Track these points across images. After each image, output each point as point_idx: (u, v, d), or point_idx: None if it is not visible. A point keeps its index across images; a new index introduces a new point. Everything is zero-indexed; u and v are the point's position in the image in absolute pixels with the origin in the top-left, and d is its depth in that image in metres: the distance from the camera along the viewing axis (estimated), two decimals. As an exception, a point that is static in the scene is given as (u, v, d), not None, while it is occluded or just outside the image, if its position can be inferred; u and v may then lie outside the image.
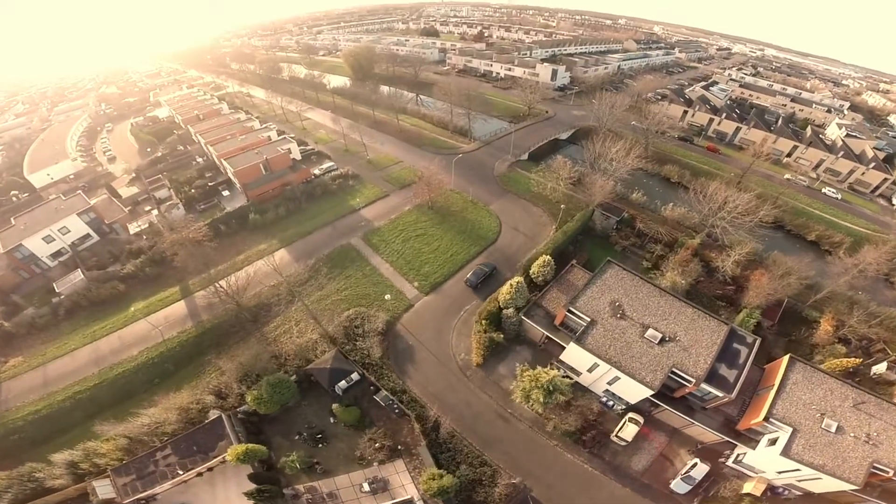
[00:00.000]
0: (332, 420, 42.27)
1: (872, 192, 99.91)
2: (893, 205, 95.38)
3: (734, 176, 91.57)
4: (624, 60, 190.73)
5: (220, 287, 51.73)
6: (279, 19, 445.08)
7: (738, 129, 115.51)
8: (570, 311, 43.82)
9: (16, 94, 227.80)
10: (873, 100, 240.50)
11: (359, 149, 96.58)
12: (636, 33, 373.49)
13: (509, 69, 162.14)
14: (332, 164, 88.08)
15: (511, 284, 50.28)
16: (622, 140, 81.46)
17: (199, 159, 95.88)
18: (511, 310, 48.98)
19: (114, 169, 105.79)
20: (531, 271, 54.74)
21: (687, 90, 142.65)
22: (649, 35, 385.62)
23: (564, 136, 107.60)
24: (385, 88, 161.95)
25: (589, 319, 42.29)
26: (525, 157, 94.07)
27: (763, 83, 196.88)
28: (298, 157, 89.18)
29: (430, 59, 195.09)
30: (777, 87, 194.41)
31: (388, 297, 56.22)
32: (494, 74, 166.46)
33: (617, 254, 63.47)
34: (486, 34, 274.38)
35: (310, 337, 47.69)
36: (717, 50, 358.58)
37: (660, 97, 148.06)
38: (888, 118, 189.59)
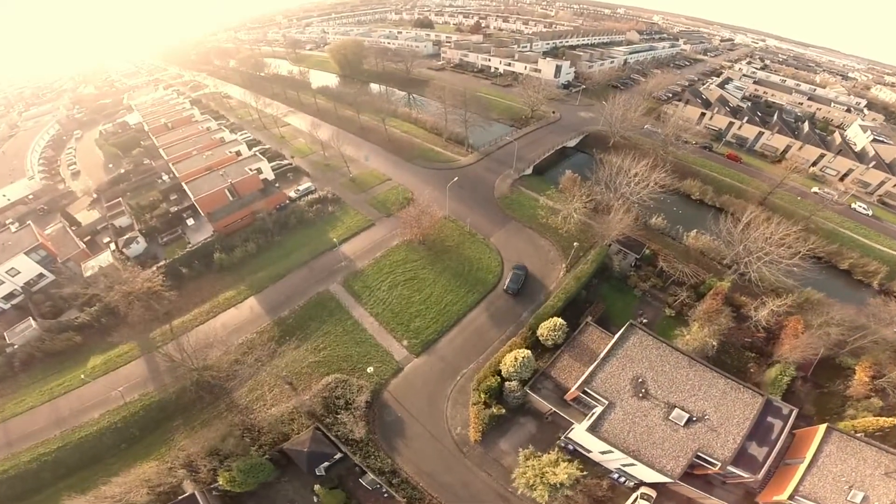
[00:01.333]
0: (315, 500, 36.79)
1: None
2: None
3: (760, 193, 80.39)
4: (630, 54, 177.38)
5: (176, 354, 43.27)
6: (270, 11, 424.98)
7: (759, 134, 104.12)
8: (585, 392, 36.61)
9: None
10: (884, 94, 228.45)
11: (341, 163, 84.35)
12: (637, 23, 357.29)
13: (509, 64, 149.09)
14: (309, 184, 76.00)
15: (516, 357, 41.28)
16: (644, 159, 70.43)
17: (165, 177, 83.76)
18: (515, 383, 40.62)
19: (77, 186, 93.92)
20: (539, 333, 45.24)
21: (702, 87, 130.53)
22: (650, 25, 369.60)
23: (572, 143, 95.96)
24: (375, 87, 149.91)
25: (606, 402, 35.48)
26: (529, 170, 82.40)
27: (776, 79, 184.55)
28: (271, 176, 76.87)
29: (424, 53, 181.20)
30: (790, 82, 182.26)
31: (370, 369, 45.45)
32: (493, 70, 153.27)
33: (636, 298, 54.10)
34: (483, 25, 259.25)
35: (285, 406, 40.37)
36: (721, 41, 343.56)
37: (670, 95, 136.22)
38: None
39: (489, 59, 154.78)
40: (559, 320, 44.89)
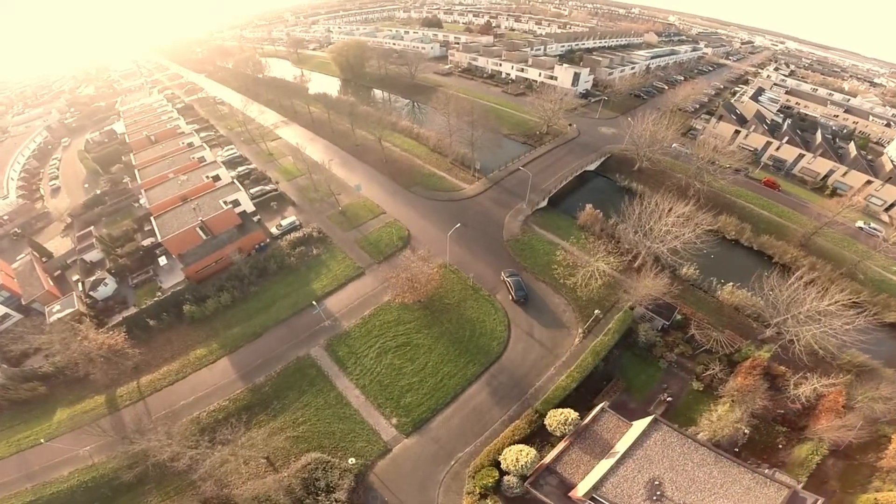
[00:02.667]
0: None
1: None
2: None
3: (802, 231, 68.50)
4: (652, 59, 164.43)
5: (111, 433, 39.10)
6: (279, 8, 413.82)
7: (800, 157, 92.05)
8: (593, 498, 30.87)
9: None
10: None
11: (332, 189, 73.58)
12: (653, 24, 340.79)
13: (521, 70, 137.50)
14: (293, 219, 65.51)
15: (517, 457, 34.50)
16: (676, 193, 59.86)
17: (143, 200, 74.82)
18: (514, 478, 34.86)
19: (55, 206, 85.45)
20: (547, 423, 37.60)
21: (735, 100, 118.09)
22: (667, 27, 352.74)
23: (592, 166, 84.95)
24: (378, 93, 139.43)
25: (616, 511, 27.23)
26: (544, 202, 71.64)
27: (806, 87, 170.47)
28: (251, 208, 66.59)
29: (430, 56, 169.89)
30: (821, 91, 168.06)
31: (352, 460, 37.59)
32: (504, 76, 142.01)
33: (661, 370, 44.91)
34: (493, 24, 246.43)
35: (262, 483, 35.43)
36: (742, 44, 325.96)
37: (696, 106, 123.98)
38: None
39: (500, 64, 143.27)
40: (571, 413, 36.80)
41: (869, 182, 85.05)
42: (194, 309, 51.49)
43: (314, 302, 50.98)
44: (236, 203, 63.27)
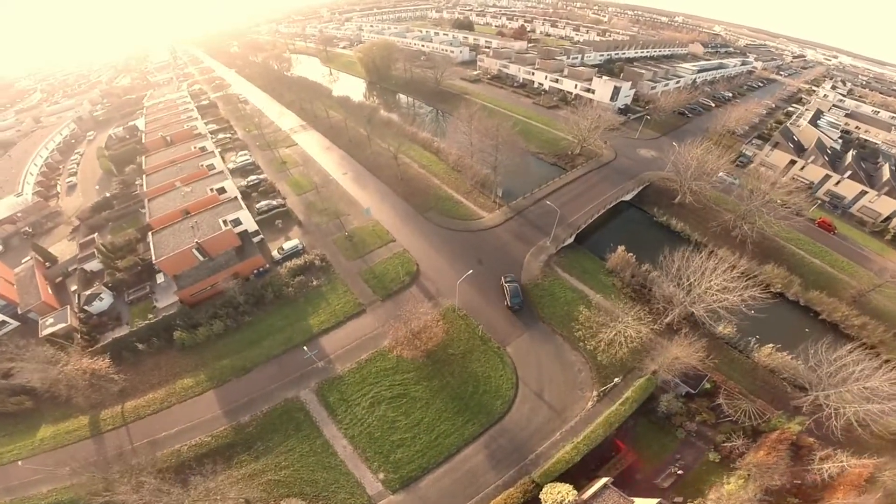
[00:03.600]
0: None
1: None
2: None
3: (856, 285, 58.78)
4: (699, 72, 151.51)
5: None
6: (317, 4, 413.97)
7: (861, 194, 79.86)
8: None
9: (46, 78, 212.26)
10: None
11: (340, 207, 68.24)
12: (698, 34, 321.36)
13: (556, 80, 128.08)
14: (296, 242, 59.84)
15: None
16: (730, 252, 50.77)
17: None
18: None
19: (68, 204, 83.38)
20: (542, 498, 32.86)
21: (791, 124, 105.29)
22: (713, 37, 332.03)
23: (629, 196, 75.76)
24: (402, 98, 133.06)
25: None
26: (571, 239, 63.00)
27: (866, 108, 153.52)
28: (253, 227, 61.10)
29: (459, 60, 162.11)
30: (883, 114, 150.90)
31: None
32: (536, 86, 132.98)
33: (677, 440, 39.03)
34: (528, 29, 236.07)
35: None
36: (793, 58, 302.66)
37: (746, 128, 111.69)
38: None
39: (533, 73, 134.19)
40: (568, 494, 31.58)
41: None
42: (185, 336, 47.52)
43: (305, 347, 45.41)
44: (237, 222, 58.00)
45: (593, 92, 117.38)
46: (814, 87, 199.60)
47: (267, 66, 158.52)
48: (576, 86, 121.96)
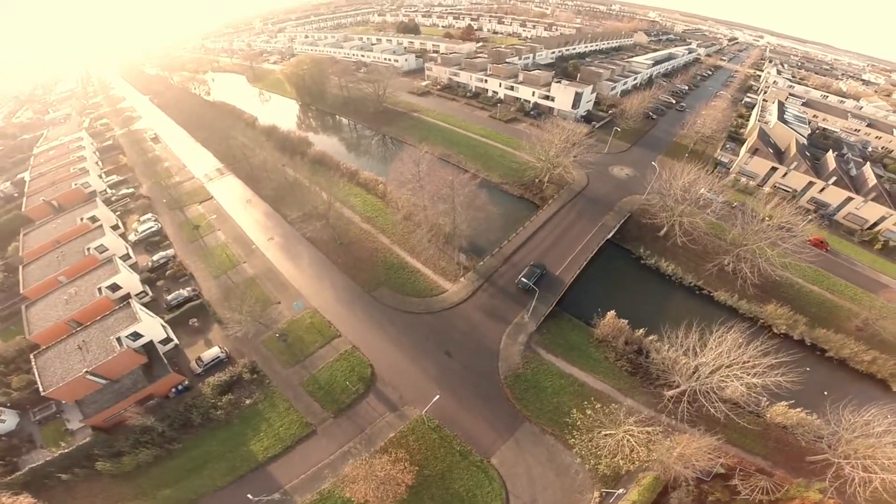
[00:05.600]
0: None
1: None
2: None
3: (857, 312, 52.17)
4: (654, 65, 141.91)
5: None
6: (251, 14, 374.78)
7: (847, 200, 71.52)
8: None
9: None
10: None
11: (269, 295, 51.44)
12: (638, 22, 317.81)
13: (511, 88, 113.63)
14: (217, 351, 43.87)
15: None
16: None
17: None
18: None
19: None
20: None
21: (761, 120, 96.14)
22: (651, 24, 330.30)
23: (610, 234, 62.44)
24: (342, 120, 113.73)
25: None
26: (551, 306, 49.08)
27: (815, 94, 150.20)
28: (160, 335, 43.47)
29: (405, 69, 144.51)
30: (833, 99, 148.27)
31: None
32: (491, 95, 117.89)
33: None
34: (475, 27, 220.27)
35: None
36: (728, 41, 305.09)
37: (733, 136, 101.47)
38: None
39: (485, 80, 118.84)
40: None
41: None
42: (108, 466, 35.66)
43: (249, 496, 31.74)
44: (136, 336, 41.00)
45: (553, 100, 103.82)
46: (758, 72, 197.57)
47: (185, 90, 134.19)
48: (533, 93, 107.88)
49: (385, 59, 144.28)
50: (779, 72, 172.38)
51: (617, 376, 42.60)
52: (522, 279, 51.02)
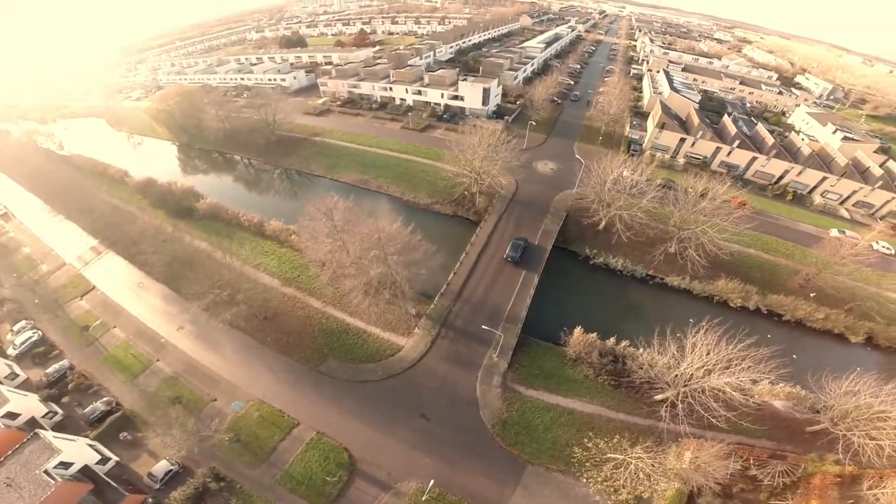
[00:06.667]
0: None
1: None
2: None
3: (798, 267, 54.97)
4: (546, 48, 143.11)
5: None
6: (105, 42, 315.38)
7: (752, 160, 75.87)
8: None
9: None
10: (759, 55, 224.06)
11: (199, 392, 40.63)
12: (519, 5, 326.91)
13: (418, 93, 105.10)
14: (168, 465, 34.44)
15: None
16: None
17: None
18: None
19: None
20: None
21: (655, 92, 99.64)
22: (531, 6, 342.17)
23: (552, 240, 57.70)
24: (232, 157, 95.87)
25: None
26: (516, 335, 43.64)
27: (688, 58, 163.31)
28: (93, 455, 32.92)
29: (296, 88, 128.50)
30: (703, 61, 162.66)
31: None
32: (399, 103, 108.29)
33: None
34: (368, 32, 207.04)
35: None
36: (600, 15, 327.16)
37: (636, 111, 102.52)
38: (796, 80, 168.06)
39: (390, 88, 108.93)
40: None
41: (824, 178, 72.06)
42: None
43: None
44: (66, 465, 31.18)
45: (462, 99, 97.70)
46: (633, 42, 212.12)
47: (32, 145, 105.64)
48: (442, 95, 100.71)
49: (270, 79, 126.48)
50: (651, 40, 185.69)
51: (602, 393, 40.03)
52: (510, 253, 52.71)
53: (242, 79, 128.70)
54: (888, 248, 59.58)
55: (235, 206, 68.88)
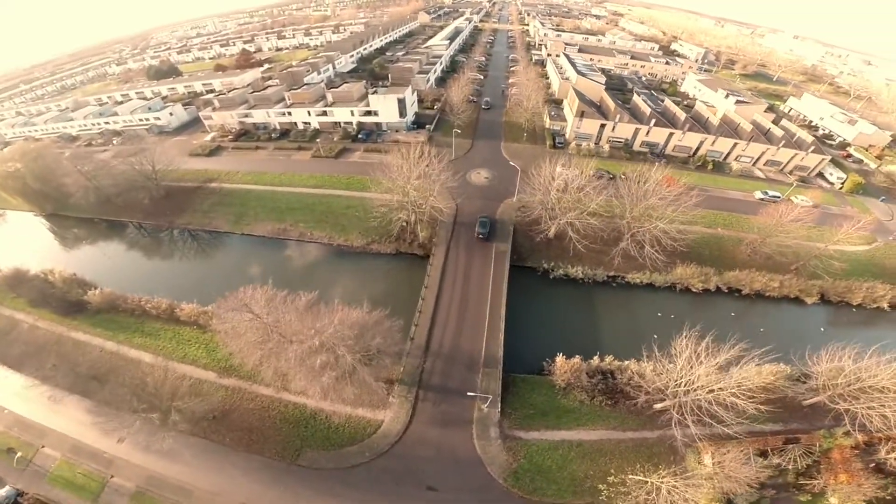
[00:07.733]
0: None
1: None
2: (832, 183, 73.33)
3: (743, 238, 56.43)
4: (449, 44, 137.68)
5: None
6: None
7: (670, 136, 77.67)
8: None
9: None
10: (633, 26, 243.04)
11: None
12: (415, 2, 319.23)
13: (324, 114, 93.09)
14: None
15: None
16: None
17: None
18: None
19: None
20: None
21: (565, 80, 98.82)
22: (426, 2, 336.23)
23: (507, 263, 52.00)
24: (120, 223, 76.19)
25: None
26: (500, 379, 37.83)
27: (578, 38, 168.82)
28: None
29: (175, 126, 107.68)
30: (592, 39, 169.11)
31: None
32: (302, 128, 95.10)
33: None
34: (252, 51, 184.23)
35: None
36: (489, 3, 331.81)
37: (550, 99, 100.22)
38: (672, 48, 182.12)
39: (289, 113, 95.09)
40: None
41: (735, 144, 75.86)
42: None
43: None
44: None
45: (377, 114, 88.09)
46: (526, 27, 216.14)
47: None
48: (352, 112, 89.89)
49: (141, 119, 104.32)
50: (542, 24, 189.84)
51: (602, 416, 37.22)
52: (479, 231, 54.69)
53: (107, 122, 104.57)
54: (806, 201, 63.28)
55: (136, 290, 52.12)
